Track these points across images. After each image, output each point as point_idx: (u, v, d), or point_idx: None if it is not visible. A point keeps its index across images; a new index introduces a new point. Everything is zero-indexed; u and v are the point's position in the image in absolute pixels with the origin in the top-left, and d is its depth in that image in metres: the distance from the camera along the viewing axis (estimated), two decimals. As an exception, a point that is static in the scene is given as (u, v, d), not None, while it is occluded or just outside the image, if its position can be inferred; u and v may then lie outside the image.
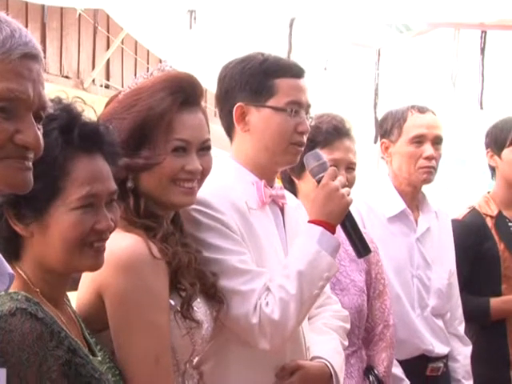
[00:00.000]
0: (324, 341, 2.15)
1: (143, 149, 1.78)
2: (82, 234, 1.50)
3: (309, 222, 2.02)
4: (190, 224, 1.94)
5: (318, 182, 2.05)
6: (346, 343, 2.27)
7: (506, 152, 3.18)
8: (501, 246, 3.19)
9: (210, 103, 4.87)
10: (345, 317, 2.29)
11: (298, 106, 2.07)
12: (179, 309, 1.75)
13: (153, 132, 1.78)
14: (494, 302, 3.14)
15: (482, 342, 3.04)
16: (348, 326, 2.30)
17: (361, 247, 2.04)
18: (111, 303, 1.68)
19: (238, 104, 2.07)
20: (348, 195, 2.01)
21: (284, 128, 2.06)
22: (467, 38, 4.50)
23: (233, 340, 1.99)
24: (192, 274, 1.81)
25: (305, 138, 2.10)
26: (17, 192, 1.25)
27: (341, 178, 2.04)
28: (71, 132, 1.52)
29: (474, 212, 3.26)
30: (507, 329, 3.17)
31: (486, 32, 4.42)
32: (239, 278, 1.95)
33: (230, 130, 2.13)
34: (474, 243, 3.12)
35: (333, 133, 2.58)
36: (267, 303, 1.95)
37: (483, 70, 4.44)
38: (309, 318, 2.19)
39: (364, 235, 2.06)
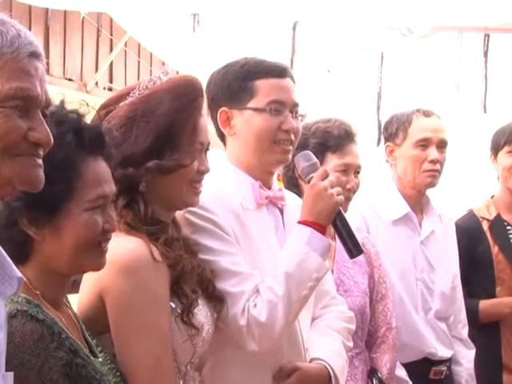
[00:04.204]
0: (325, 342, 2.14)
1: (167, 151, 1.79)
2: (94, 233, 1.54)
3: (299, 222, 2.02)
4: (183, 225, 1.94)
5: (309, 182, 2.05)
6: (351, 344, 2.26)
7: (500, 155, 3.23)
8: (495, 249, 3.20)
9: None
10: (349, 318, 2.27)
11: (279, 105, 2.07)
12: (179, 312, 1.75)
13: (178, 135, 1.80)
14: (483, 304, 3.15)
15: (476, 344, 3.03)
16: (353, 326, 2.28)
17: (352, 247, 2.02)
18: (112, 305, 1.68)
19: (221, 109, 2.09)
20: (338, 195, 2.00)
21: (266, 127, 2.07)
22: (470, 41, 4.50)
23: (230, 341, 1.99)
24: (194, 280, 1.82)
25: (292, 136, 2.09)
26: (30, 189, 1.27)
27: (331, 178, 2.03)
28: (82, 135, 1.55)
29: (470, 215, 3.29)
30: (501, 331, 3.18)
31: (489, 35, 4.42)
32: (229, 280, 1.95)
33: (220, 135, 2.16)
34: (466, 245, 3.12)
35: (344, 137, 2.59)
36: (255, 305, 1.95)
37: (486, 73, 4.44)
38: (312, 319, 2.18)
39: (356, 235, 2.04)
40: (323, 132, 2.59)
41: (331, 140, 2.57)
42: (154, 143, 1.77)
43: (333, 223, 2.02)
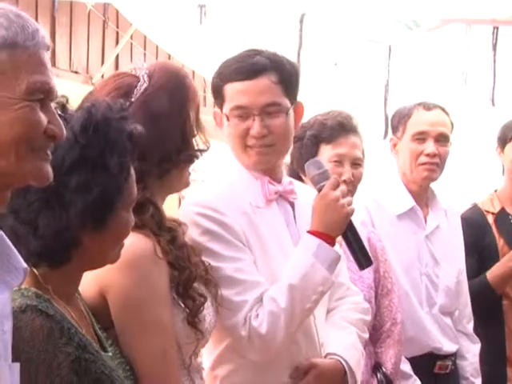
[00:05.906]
0: (340, 336, 2.13)
1: (184, 140, 1.80)
2: (129, 231, 1.57)
3: (308, 232, 2.00)
4: (192, 227, 1.92)
5: (319, 190, 2.02)
6: (366, 336, 2.25)
7: (507, 148, 3.23)
8: (500, 242, 3.21)
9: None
10: (365, 309, 2.26)
11: (242, 111, 2.05)
12: (186, 310, 1.75)
13: (190, 122, 1.81)
14: (489, 272, 3.14)
15: (480, 338, 3.03)
16: (368, 317, 2.27)
17: (362, 259, 2.02)
18: (114, 302, 1.69)
19: (214, 110, 2.10)
20: (349, 205, 1.98)
21: (235, 134, 2.06)
22: (479, 33, 4.48)
23: None
24: (203, 283, 1.82)
25: (265, 140, 2.04)
26: (40, 184, 1.26)
27: (343, 188, 2.01)
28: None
29: (474, 209, 3.30)
30: (505, 324, 3.19)
31: (497, 28, 4.40)
32: (233, 289, 1.94)
33: None
34: (471, 238, 3.12)
35: (337, 128, 2.58)
36: (257, 316, 1.95)
37: (495, 66, 4.42)
38: (327, 311, 2.18)
39: (366, 247, 2.04)
40: (320, 124, 2.59)
41: (325, 131, 2.57)
42: (181, 137, 1.77)
43: (343, 234, 2.00)
